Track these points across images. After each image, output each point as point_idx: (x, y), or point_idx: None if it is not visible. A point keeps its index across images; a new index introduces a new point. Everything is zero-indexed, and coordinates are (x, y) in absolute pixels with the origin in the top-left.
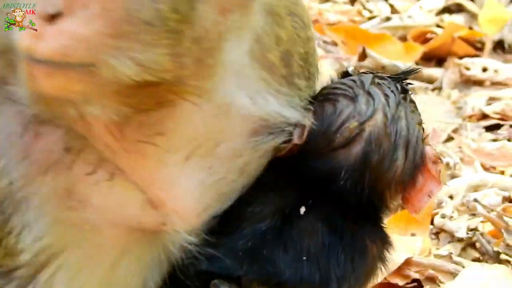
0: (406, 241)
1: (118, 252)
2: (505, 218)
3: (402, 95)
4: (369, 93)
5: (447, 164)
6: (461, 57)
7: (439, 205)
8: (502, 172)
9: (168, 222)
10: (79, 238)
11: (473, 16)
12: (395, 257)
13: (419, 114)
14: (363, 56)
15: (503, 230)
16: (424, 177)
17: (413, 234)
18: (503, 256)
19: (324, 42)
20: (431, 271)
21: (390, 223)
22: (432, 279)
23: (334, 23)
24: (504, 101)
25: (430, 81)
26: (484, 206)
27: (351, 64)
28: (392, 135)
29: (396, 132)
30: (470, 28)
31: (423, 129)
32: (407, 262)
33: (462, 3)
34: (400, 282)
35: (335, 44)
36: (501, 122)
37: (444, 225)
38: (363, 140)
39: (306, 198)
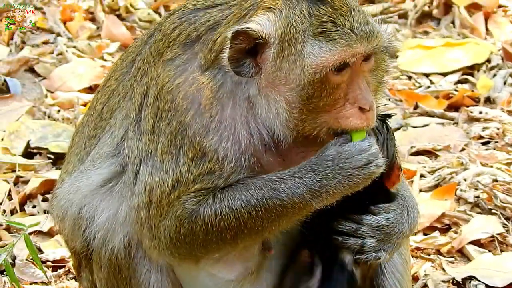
0: None
1: None
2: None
3: (386, 132)
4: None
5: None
6: (467, 106)
7: None
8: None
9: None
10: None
11: (473, 85)
12: None
13: (395, 140)
14: (416, 107)
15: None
16: (393, 170)
17: None
18: None
19: (396, 100)
20: None
21: None
22: None
23: (400, 90)
24: (491, 129)
25: (451, 119)
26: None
27: (409, 111)
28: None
29: (383, 151)
30: (472, 91)
31: (396, 149)
32: None
33: (468, 78)
34: None
35: (400, 101)
36: (489, 140)
37: None
38: None
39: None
